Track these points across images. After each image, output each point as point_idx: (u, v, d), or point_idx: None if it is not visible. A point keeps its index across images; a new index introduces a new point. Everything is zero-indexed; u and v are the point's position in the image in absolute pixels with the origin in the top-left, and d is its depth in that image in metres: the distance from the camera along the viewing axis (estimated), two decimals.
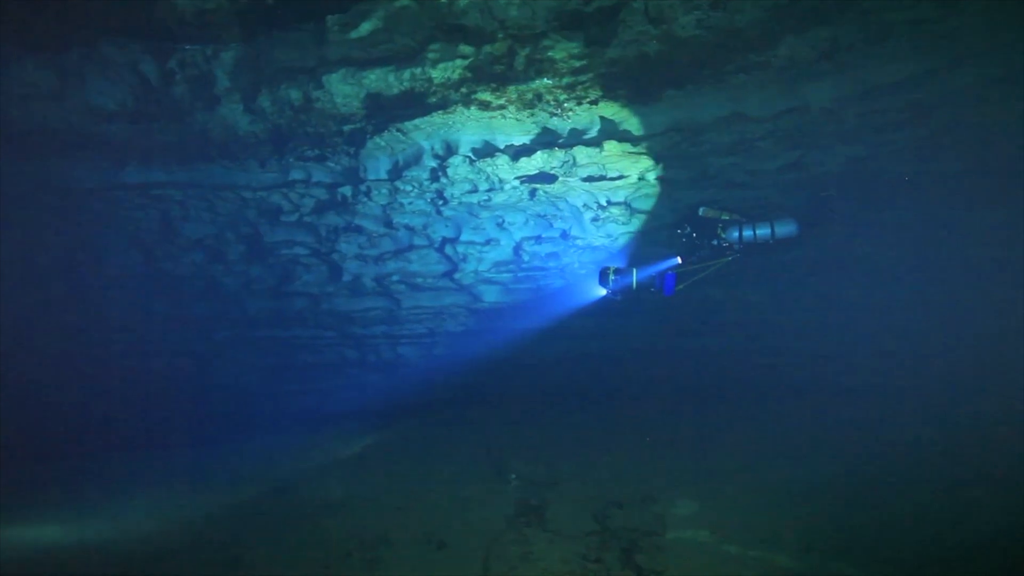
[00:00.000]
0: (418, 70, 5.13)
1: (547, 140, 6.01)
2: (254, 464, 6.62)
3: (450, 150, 6.11)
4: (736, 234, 5.41)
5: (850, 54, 4.91)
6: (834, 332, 8.18)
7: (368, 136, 5.95)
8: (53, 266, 6.74)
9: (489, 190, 6.74)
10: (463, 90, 5.30)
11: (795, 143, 5.84)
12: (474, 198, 6.67)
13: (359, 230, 7.02)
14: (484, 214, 7.03)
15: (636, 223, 6.96)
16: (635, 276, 5.51)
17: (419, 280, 7.69)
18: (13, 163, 5.63)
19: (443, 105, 5.49)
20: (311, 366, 8.77)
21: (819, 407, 7.29)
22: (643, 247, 7.17)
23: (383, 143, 6.02)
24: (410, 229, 7.14)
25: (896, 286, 7.70)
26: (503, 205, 6.91)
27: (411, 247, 7.31)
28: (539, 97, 5.40)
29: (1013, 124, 5.52)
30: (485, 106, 5.49)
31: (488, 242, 7.28)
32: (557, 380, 9.13)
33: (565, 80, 5.18)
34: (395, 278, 7.61)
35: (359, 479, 5.86)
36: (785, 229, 5.39)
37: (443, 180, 6.44)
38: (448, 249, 7.37)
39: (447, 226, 7.17)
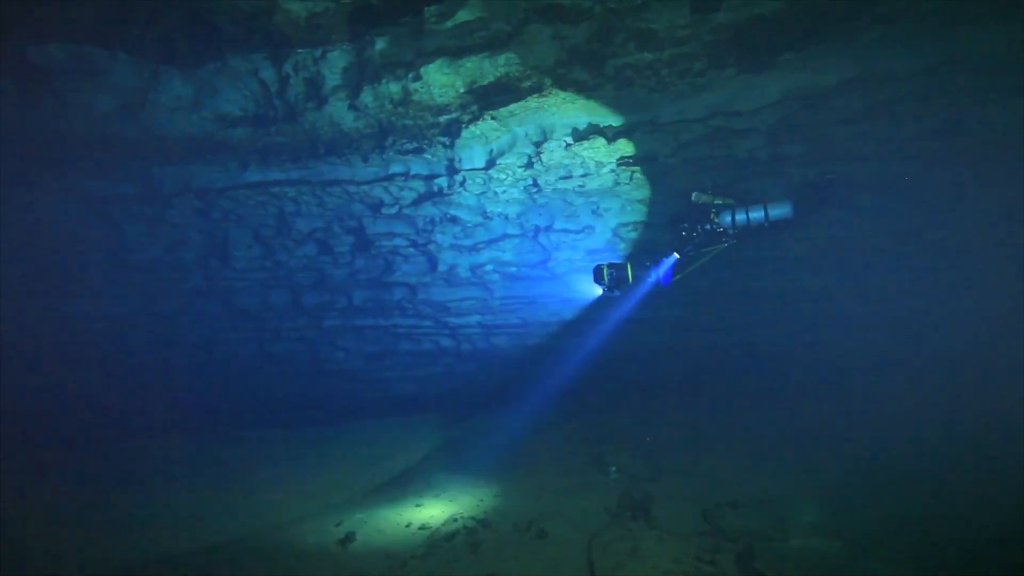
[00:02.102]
0: (513, 54, 5.07)
1: (647, 119, 5.70)
2: (363, 446, 6.99)
3: (544, 135, 6.00)
4: (729, 218, 5.28)
5: None
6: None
7: (463, 126, 6.01)
8: (195, 260, 7.59)
9: (584, 175, 6.56)
10: (559, 71, 5.16)
11: (951, 99, 5.03)
12: (569, 184, 6.51)
13: (455, 220, 7.14)
14: (579, 201, 6.85)
15: None
16: (630, 270, 5.39)
17: (512, 269, 7.69)
18: (164, 168, 6.36)
19: (538, 88, 5.39)
20: (409, 354, 9.13)
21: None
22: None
23: (478, 132, 6.05)
24: (504, 218, 7.14)
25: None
26: (599, 191, 6.68)
27: (505, 236, 7.32)
28: (639, 73, 5.12)
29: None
30: (581, 87, 5.30)
31: (583, 230, 7.10)
32: (653, 373, 8.75)
33: (667, 53, 4.86)
34: (489, 267, 7.68)
35: (457, 465, 5.96)
36: (779, 211, 5.22)
37: (537, 167, 6.35)
38: (542, 238, 7.29)
39: (541, 214, 7.09)
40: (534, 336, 8.56)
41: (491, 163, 6.34)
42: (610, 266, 5.44)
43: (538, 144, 6.09)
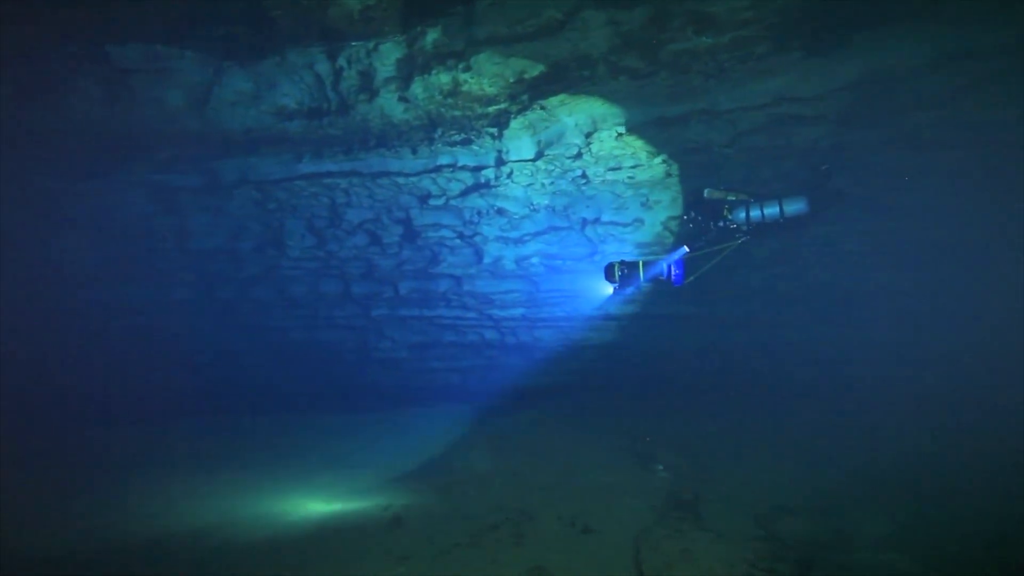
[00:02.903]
0: (564, 42, 4.97)
1: (702, 107, 5.49)
2: (407, 435, 7.12)
3: (595, 125, 5.89)
4: (743, 214, 5.15)
5: None
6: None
7: (512, 116, 5.97)
8: (253, 249, 7.91)
9: (634, 166, 6.40)
10: (611, 59, 5.03)
11: None
12: (618, 175, 6.37)
13: (501, 212, 7.13)
14: (628, 192, 6.70)
15: None
16: (642, 269, 5.29)
17: (558, 262, 7.62)
18: (225, 161, 6.64)
19: (590, 77, 5.27)
20: (453, 345, 9.22)
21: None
22: None
23: (527, 122, 6.00)
24: (551, 210, 7.07)
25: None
26: (649, 182, 6.51)
27: (551, 228, 7.25)
28: (696, 59, 4.92)
29: None
30: (635, 74, 5.15)
31: (632, 223, 6.94)
32: (701, 370, 8.49)
33: (727, 37, 4.64)
34: (535, 260, 7.63)
35: (501, 456, 5.98)
36: (794, 207, 5.06)
37: (586, 158, 6.24)
38: (589, 230, 7.18)
39: (589, 206, 6.97)
40: (578, 330, 8.47)
41: (539, 154, 6.27)
42: (622, 264, 5.38)
43: (588, 134, 5.98)
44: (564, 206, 6.99)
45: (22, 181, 6.75)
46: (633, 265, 5.33)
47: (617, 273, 5.31)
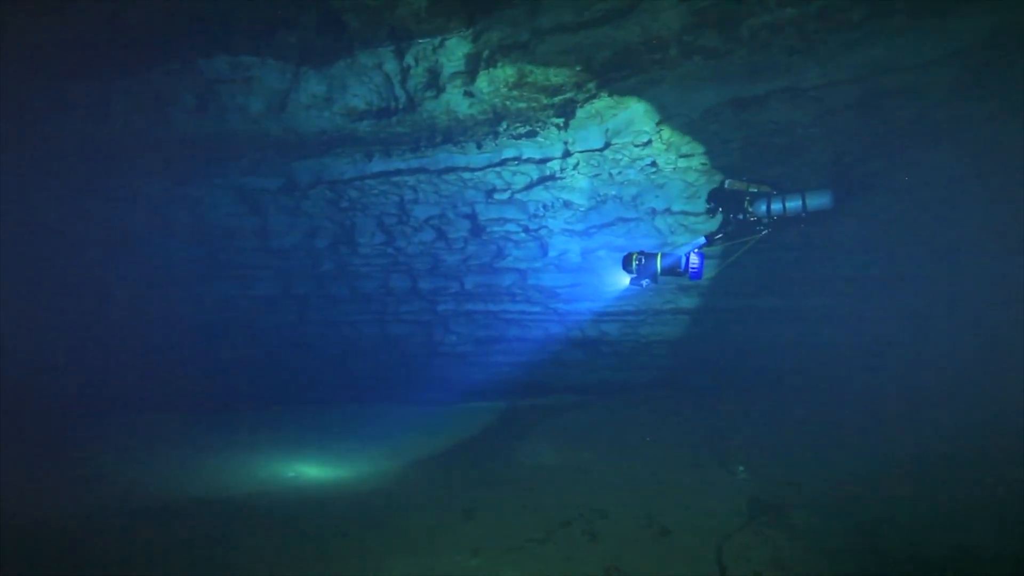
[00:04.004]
0: (634, 24, 4.78)
1: (784, 85, 5.11)
2: (474, 428, 7.19)
3: (666, 111, 5.63)
4: (764, 207, 4.99)
5: None
6: None
7: (578, 105, 5.83)
8: (326, 247, 8.27)
9: (707, 152, 6.08)
10: (685, 39, 4.78)
11: None
12: (691, 163, 6.08)
13: (567, 204, 7.02)
14: (702, 180, 6.38)
15: None
16: (659, 261, 5.13)
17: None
18: (301, 162, 6.97)
19: (661, 60, 5.05)
20: (518, 340, 9.22)
21: None
22: None
23: (593, 111, 5.84)
24: (619, 200, 6.87)
25: None
26: (724, 168, 6.15)
27: (619, 220, 7.05)
28: (778, 33, 4.57)
29: None
30: (711, 53, 4.87)
31: (705, 212, 6.59)
32: (782, 368, 7.96)
33: (815, 5, 4.28)
34: (601, 253, 7.46)
35: (570, 451, 5.89)
36: (818, 201, 4.89)
37: (657, 145, 6.00)
38: (659, 221, 6.91)
39: (659, 196, 6.71)
40: (647, 324, 8.20)
41: (607, 144, 6.10)
42: (640, 254, 5.24)
43: (659, 121, 5.73)
44: (632, 196, 6.77)
45: (134, 186, 7.43)
46: (651, 257, 5.19)
47: (634, 263, 5.20)
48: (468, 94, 5.88)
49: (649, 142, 5.98)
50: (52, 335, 8.81)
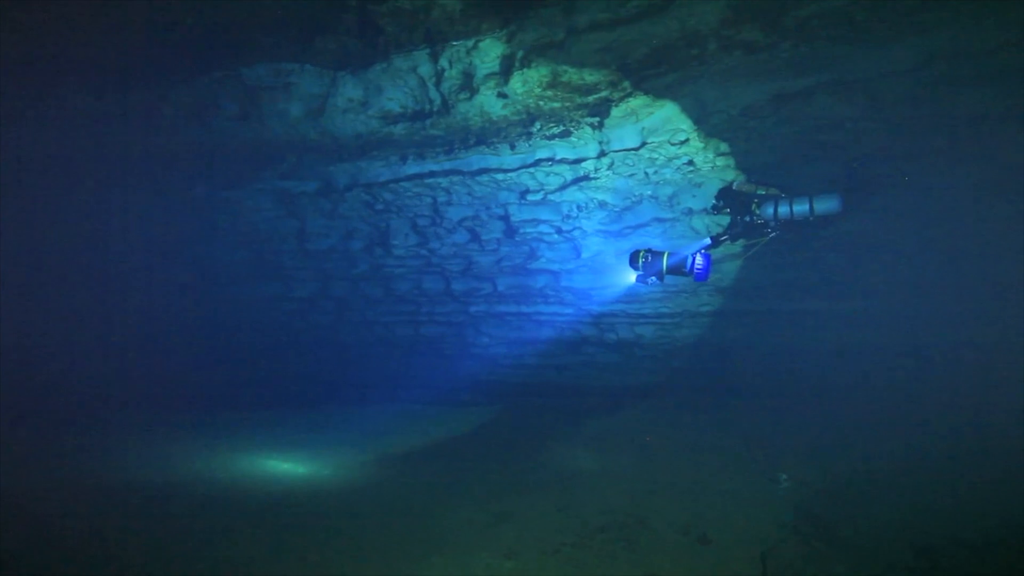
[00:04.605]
0: (671, 20, 4.67)
1: (830, 79, 4.90)
2: (508, 431, 7.17)
3: (704, 108, 5.49)
4: (771, 210, 5.00)
5: None
6: None
7: (613, 104, 5.75)
8: (362, 248, 8.42)
9: (747, 151, 5.89)
10: (724, 33, 4.64)
11: None
12: (731, 160, 5.90)
13: (602, 205, 6.92)
14: (741, 178, 6.17)
15: None
16: (665, 260, 5.13)
17: None
18: (338, 166, 7.11)
19: (699, 56, 4.91)
20: (550, 341, 9.15)
21: None
22: None
23: (628, 109, 5.74)
24: (654, 200, 6.73)
25: None
26: (765, 166, 5.95)
27: (655, 220, 6.91)
28: (826, 23, 4.38)
29: None
30: (751, 48, 4.71)
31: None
32: (829, 373, 7.63)
33: None
34: None
35: (605, 455, 5.79)
36: (825, 205, 4.89)
37: (694, 144, 5.85)
38: (696, 221, 6.74)
39: (696, 195, 6.54)
40: (683, 327, 8.00)
41: (643, 143, 5.99)
42: (647, 252, 5.23)
43: (696, 119, 5.59)
44: (668, 196, 6.62)
45: (183, 192, 7.74)
46: (658, 255, 5.18)
47: (641, 261, 5.19)
48: (502, 95, 5.87)
49: (686, 140, 5.84)
50: (101, 334, 9.25)
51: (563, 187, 6.85)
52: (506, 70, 5.57)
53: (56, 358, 9.06)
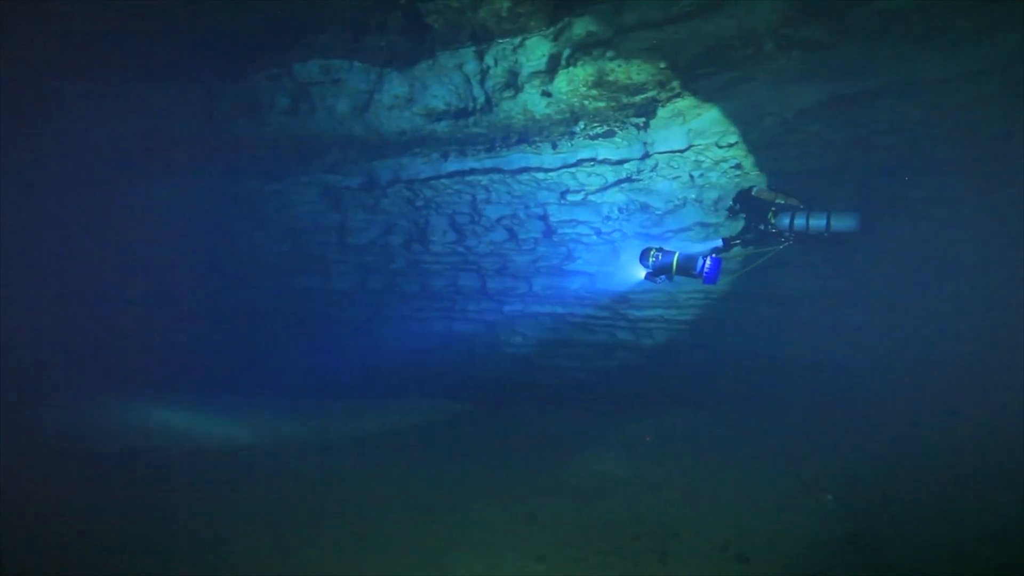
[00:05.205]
0: (727, 18, 4.52)
1: (897, 79, 4.64)
2: (540, 432, 7.11)
3: (756, 110, 5.30)
4: (787, 221, 4.88)
5: None
6: None
7: (660, 104, 5.62)
8: (401, 244, 8.52)
9: (801, 155, 5.66)
10: (783, 31, 4.46)
11: None
12: (782, 165, 5.68)
13: (644, 208, 6.78)
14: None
15: None
16: (676, 260, 5.06)
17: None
18: (381, 161, 7.21)
19: (754, 56, 4.75)
20: (584, 344, 9.04)
21: None
22: None
23: (676, 110, 5.61)
24: (698, 204, 6.55)
25: None
26: (822, 171, 5.71)
27: (698, 224, 6.72)
28: (895, 21, 4.15)
29: None
30: (811, 47, 4.52)
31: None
32: (871, 387, 7.26)
33: None
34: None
35: (638, 462, 5.67)
36: (843, 223, 4.76)
37: (743, 147, 5.66)
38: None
39: None
40: (727, 335, 7.76)
41: (689, 145, 5.83)
42: (658, 250, 5.17)
43: (747, 121, 5.40)
44: (714, 200, 6.43)
45: (234, 184, 8.02)
46: (669, 254, 5.12)
47: (651, 259, 5.13)
48: (546, 94, 5.82)
49: (735, 143, 5.65)
50: (151, 319, 9.67)
51: (604, 188, 6.75)
52: (551, 68, 5.52)
53: (114, 342, 9.55)
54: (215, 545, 3.94)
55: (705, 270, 4.94)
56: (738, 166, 5.99)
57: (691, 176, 6.23)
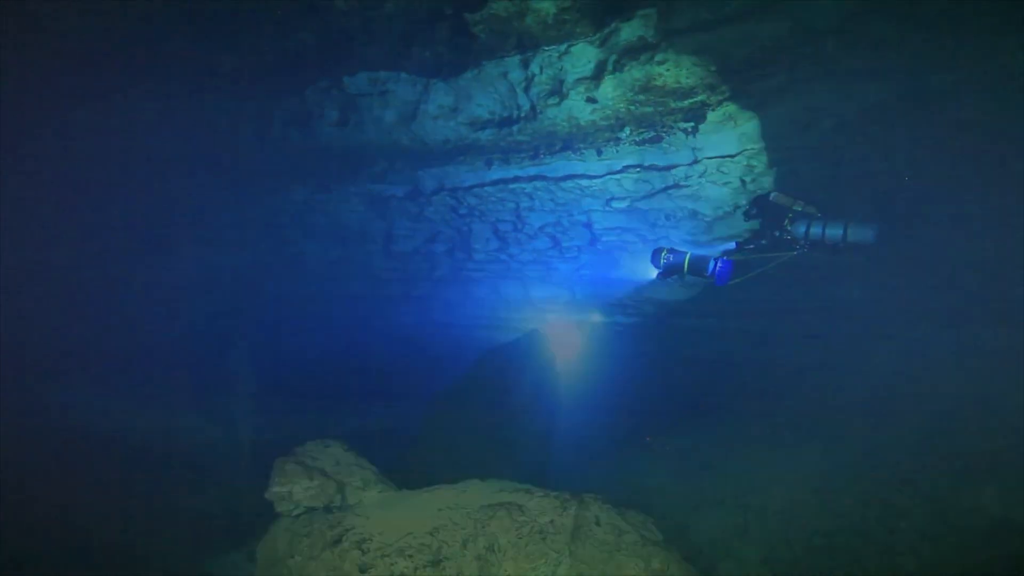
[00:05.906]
0: (783, 17, 4.34)
1: (974, 75, 4.31)
2: (585, 443, 7.00)
3: (813, 112, 5.05)
4: (803, 229, 4.85)
5: None
6: None
7: (710, 109, 5.45)
8: (444, 252, 8.61)
9: (864, 159, 5.34)
10: (847, 27, 4.23)
11: None
12: (845, 169, 5.38)
13: (693, 215, 6.58)
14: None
15: None
16: (687, 260, 5.11)
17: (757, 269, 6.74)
18: (426, 170, 7.31)
19: (813, 55, 4.52)
20: (627, 355, 8.84)
21: None
22: None
23: (726, 114, 5.42)
24: None
25: None
26: (887, 173, 5.37)
27: (750, 231, 6.44)
28: (976, 10, 3.86)
29: None
30: (877, 42, 4.27)
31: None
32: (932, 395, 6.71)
33: None
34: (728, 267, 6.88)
35: (688, 476, 5.46)
36: (860, 234, 4.67)
37: (801, 149, 5.40)
38: None
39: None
40: (781, 345, 7.39)
41: (741, 149, 5.62)
42: (670, 251, 5.21)
43: (805, 124, 5.15)
44: None
45: (287, 193, 8.31)
46: (681, 254, 5.12)
47: (663, 259, 5.15)
48: (591, 100, 5.75)
49: (793, 146, 5.40)
50: (206, 322, 10.08)
51: (651, 195, 6.60)
52: (597, 75, 5.45)
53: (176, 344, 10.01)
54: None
55: (716, 271, 4.95)
56: (794, 170, 5.73)
57: (743, 181, 6.01)
